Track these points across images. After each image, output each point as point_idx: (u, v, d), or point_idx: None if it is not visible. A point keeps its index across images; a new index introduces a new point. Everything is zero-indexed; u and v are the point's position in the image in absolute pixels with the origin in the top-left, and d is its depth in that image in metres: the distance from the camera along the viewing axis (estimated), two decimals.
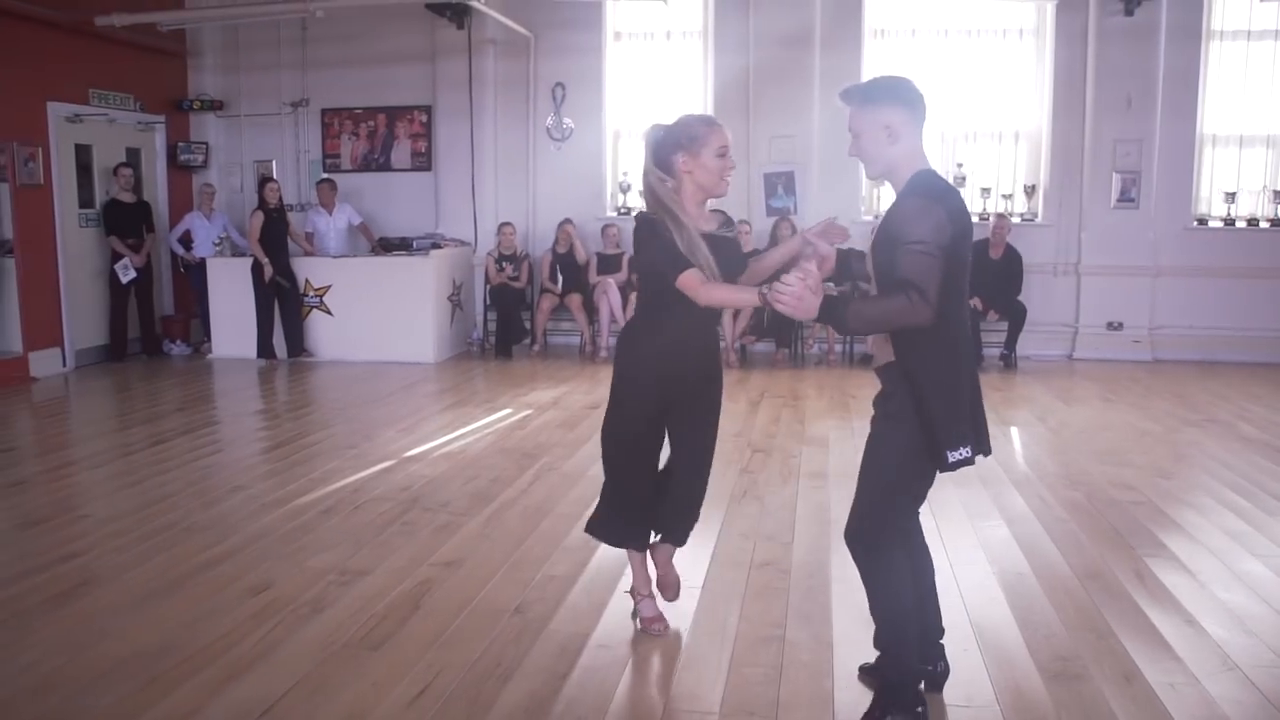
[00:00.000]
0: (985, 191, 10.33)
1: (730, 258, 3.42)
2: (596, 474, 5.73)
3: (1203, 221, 10.07)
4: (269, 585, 4.07)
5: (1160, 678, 3.29)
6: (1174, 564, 4.36)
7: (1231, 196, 9.96)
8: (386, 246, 10.13)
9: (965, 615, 3.79)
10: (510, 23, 10.07)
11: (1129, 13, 9.63)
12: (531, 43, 10.53)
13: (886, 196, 10.03)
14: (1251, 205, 10.04)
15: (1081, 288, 10.22)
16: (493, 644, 3.55)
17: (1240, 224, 10.01)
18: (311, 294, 9.75)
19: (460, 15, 10.21)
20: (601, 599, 3.96)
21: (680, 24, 10.58)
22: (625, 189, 10.71)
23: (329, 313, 9.74)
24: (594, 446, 6.42)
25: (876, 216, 10.37)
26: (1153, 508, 5.18)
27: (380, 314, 9.61)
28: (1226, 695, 3.17)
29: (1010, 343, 9.83)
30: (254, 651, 3.47)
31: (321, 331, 9.77)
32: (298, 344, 9.75)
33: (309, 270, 9.79)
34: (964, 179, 10.29)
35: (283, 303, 9.66)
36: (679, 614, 3.79)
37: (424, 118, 10.82)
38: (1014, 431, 7.07)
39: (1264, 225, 9.95)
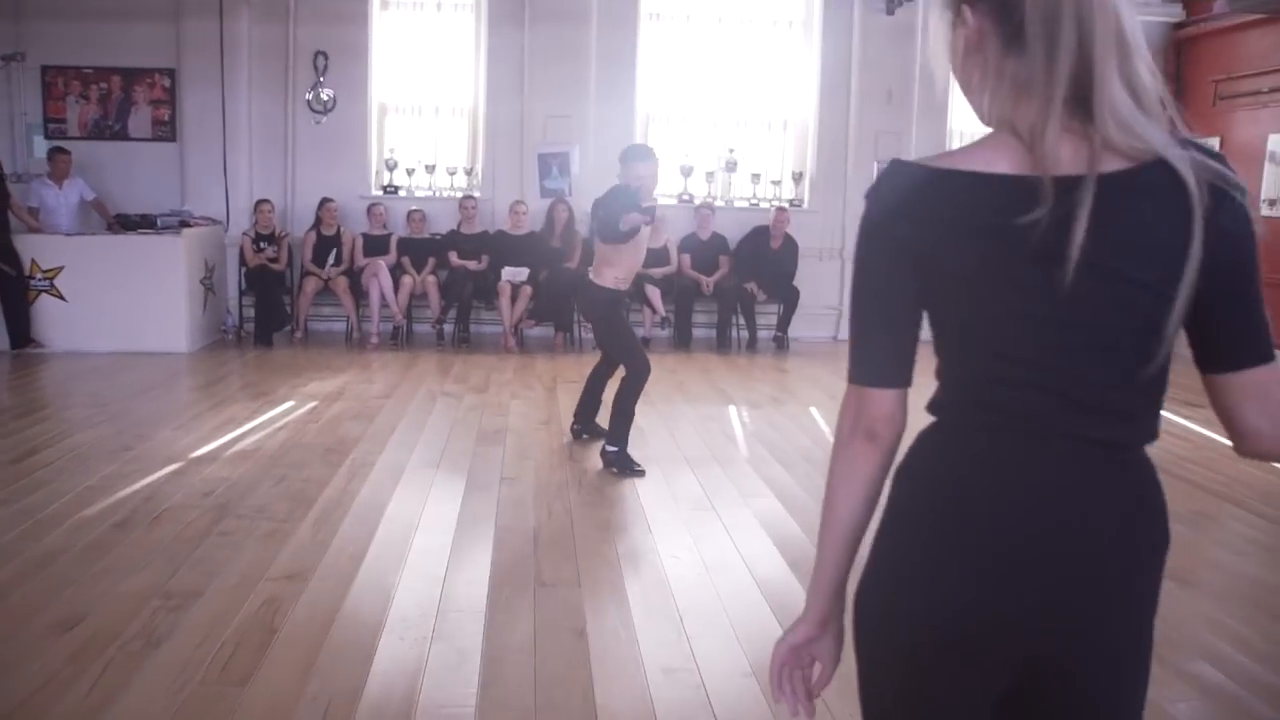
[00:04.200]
0: (755, 178, 10.54)
1: None
2: (417, 468, 5.39)
3: None
4: (81, 618, 3.44)
5: None
6: None
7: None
8: (126, 225, 9.08)
9: None
10: None
11: (890, 12, 10.10)
12: (291, 7, 9.73)
13: (659, 181, 10.04)
14: None
15: (846, 272, 10.62)
16: (377, 665, 3.15)
17: None
18: (40, 276, 8.58)
19: None
20: (475, 600, 3.62)
21: None
22: (391, 166, 10.14)
23: (61, 298, 8.59)
24: (403, 434, 6.05)
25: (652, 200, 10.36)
26: None
27: (124, 299, 8.58)
28: None
29: (783, 325, 10.10)
30: (89, 703, 2.89)
31: (53, 319, 8.59)
32: (23, 333, 8.54)
33: (36, 250, 8.59)
34: (735, 165, 10.46)
35: (4, 286, 8.44)
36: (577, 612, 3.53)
37: (167, 82, 9.76)
38: (814, 412, 7.21)
39: None
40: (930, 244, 1.24)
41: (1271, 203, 9.33)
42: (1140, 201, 1.19)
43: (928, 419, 1.35)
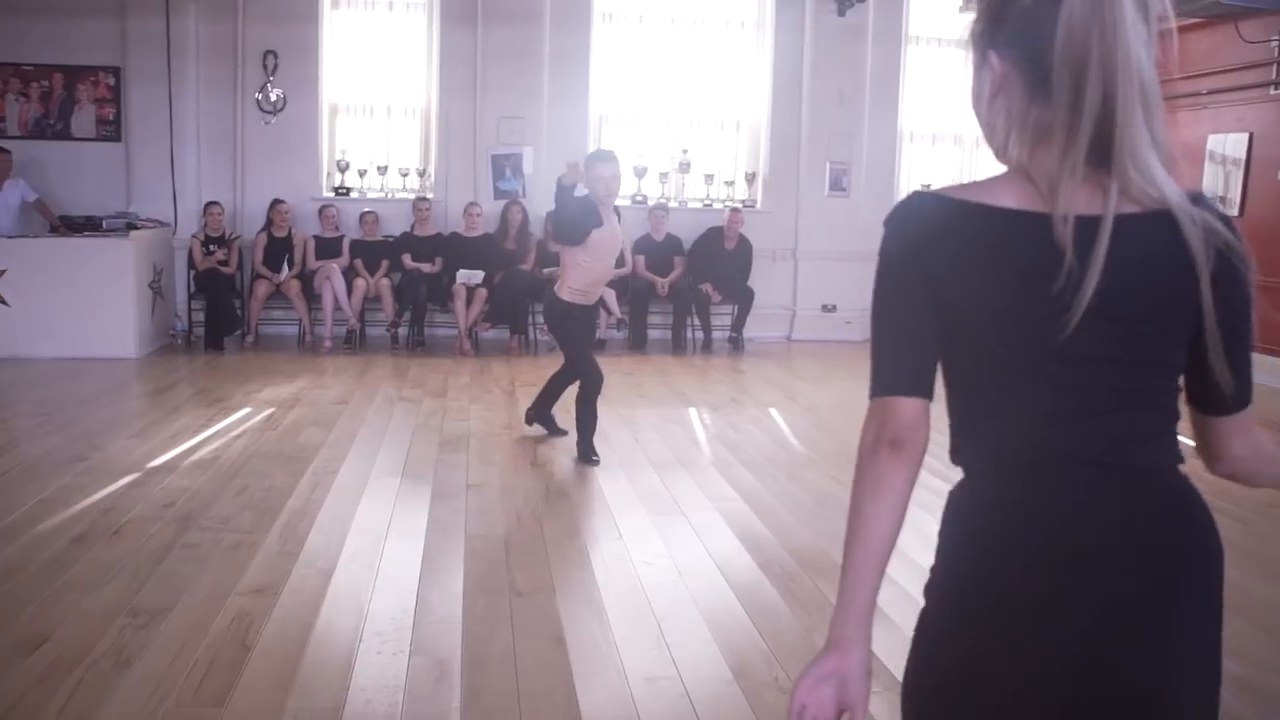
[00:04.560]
0: (709, 178, 10.56)
1: None
2: (381, 476, 5.32)
3: None
4: (46, 637, 3.35)
5: None
6: None
7: (927, 188, 10.77)
8: (70, 227, 8.87)
9: None
10: None
11: (841, 13, 10.16)
12: (240, 4, 9.55)
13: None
14: None
15: (799, 272, 10.70)
16: (357, 680, 3.11)
17: None
18: None
19: None
20: (451, 611, 3.59)
21: None
22: (344, 168, 10.01)
23: (4, 302, 8.35)
24: (364, 441, 5.98)
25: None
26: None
27: (70, 303, 8.36)
28: None
29: (738, 325, 10.15)
30: None
31: None
32: None
33: None
34: (688, 166, 10.48)
35: None
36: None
37: (111, 80, 9.53)
38: (774, 413, 7.25)
39: None
40: (954, 275, 1.28)
41: None
42: (1143, 245, 1.24)
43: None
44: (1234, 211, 9.26)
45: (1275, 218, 8.83)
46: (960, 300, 1.28)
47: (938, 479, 1.75)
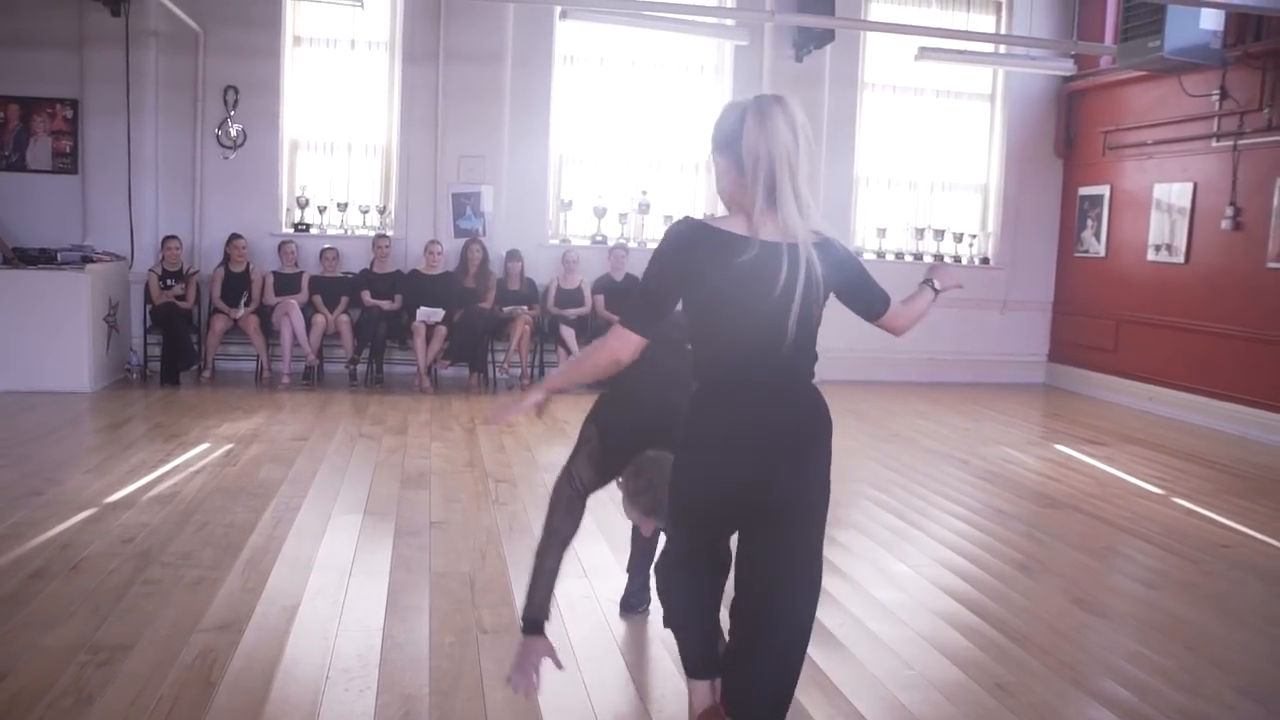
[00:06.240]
0: (668, 219, 10.61)
1: None
2: (343, 512, 5.30)
3: (858, 254, 11.01)
4: (4, 675, 3.29)
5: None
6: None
7: (883, 232, 10.99)
8: (25, 259, 8.76)
9: None
10: (177, 10, 9.03)
11: (798, 59, 10.36)
12: (200, 39, 9.54)
13: (573, 222, 10.18)
14: (899, 241, 11.14)
15: None
16: (325, 718, 3.10)
17: (890, 257, 11.04)
18: None
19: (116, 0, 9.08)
20: (418, 648, 3.59)
21: (367, 33, 10.05)
22: (303, 204, 9.99)
23: None
24: (325, 477, 5.95)
25: (565, 241, 10.41)
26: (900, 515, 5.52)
27: (22, 336, 8.26)
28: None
29: None
30: None
31: None
32: None
33: None
34: (648, 206, 10.58)
35: None
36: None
37: (69, 113, 9.46)
38: None
39: (908, 259, 11.05)
40: (704, 268, 2.40)
41: (1158, 248, 9.81)
42: (792, 259, 2.39)
43: None
44: (1180, 259, 9.54)
45: (1220, 266, 9.10)
46: (716, 284, 2.38)
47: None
